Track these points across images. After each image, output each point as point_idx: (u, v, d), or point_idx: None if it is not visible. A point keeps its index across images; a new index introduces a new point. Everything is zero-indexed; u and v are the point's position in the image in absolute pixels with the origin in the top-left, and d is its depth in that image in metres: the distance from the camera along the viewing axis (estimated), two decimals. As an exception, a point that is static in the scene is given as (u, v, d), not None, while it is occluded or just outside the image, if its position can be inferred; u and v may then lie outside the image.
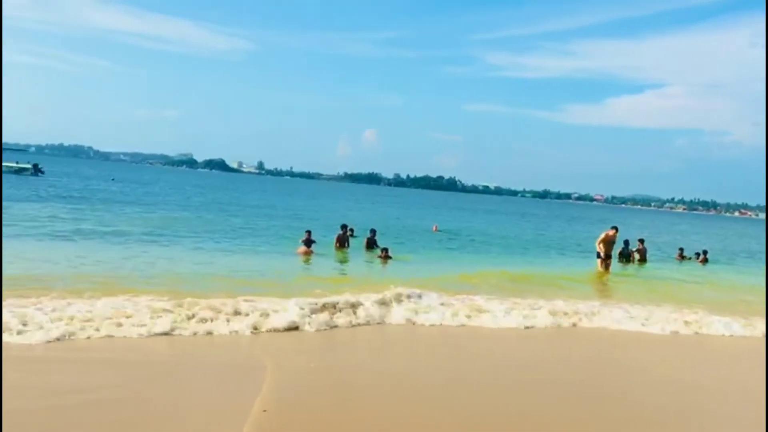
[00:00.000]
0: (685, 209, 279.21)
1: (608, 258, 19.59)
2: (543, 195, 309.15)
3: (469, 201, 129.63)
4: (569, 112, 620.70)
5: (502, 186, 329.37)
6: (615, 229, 19.99)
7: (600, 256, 19.54)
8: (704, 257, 26.22)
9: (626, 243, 23.07)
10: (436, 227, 34.09)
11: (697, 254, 26.69)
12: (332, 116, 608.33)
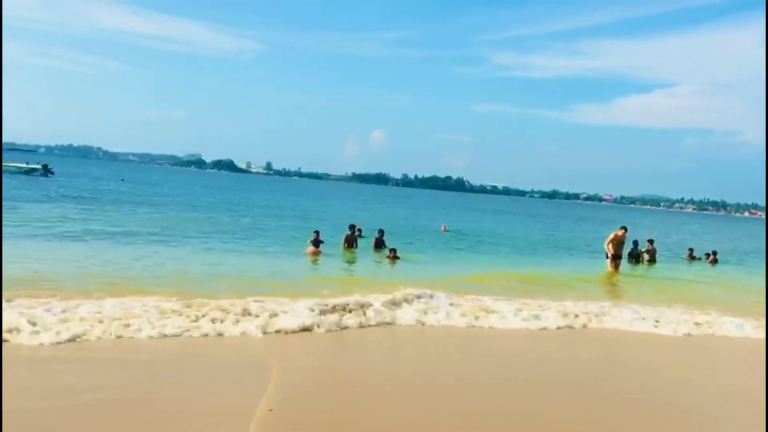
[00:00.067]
0: (695, 209, 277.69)
1: (618, 258, 19.50)
2: (551, 195, 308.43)
3: (478, 201, 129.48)
4: (578, 112, 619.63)
5: (511, 186, 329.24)
6: (624, 230, 19.89)
7: (609, 257, 19.47)
8: (714, 257, 26.08)
9: (635, 243, 22.98)
10: (445, 227, 34.03)
11: (707, 254, 26.55)
12: (340, 116, 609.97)
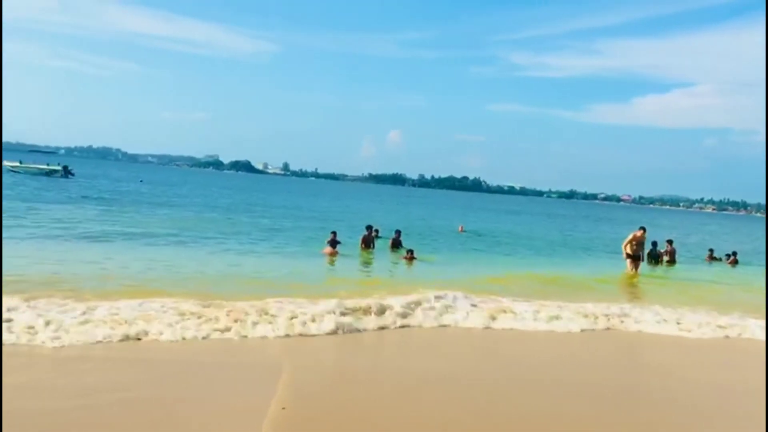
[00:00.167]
0: (715, 209, 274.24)
1: (637, 259, 19.35)
2: (569, 195, 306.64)
3: (494, 201, 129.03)
4: (595, 112, 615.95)
5: (528, 186, 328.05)
6: (643, 230, 19.72)
7: (625, 258, 19.33)
8: (734, 258, 25.79)
9: (654, 244, 22.76)
10: (462, 228, 33.97)
11: (728, 255, 26.25)
12: (356, 117, 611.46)
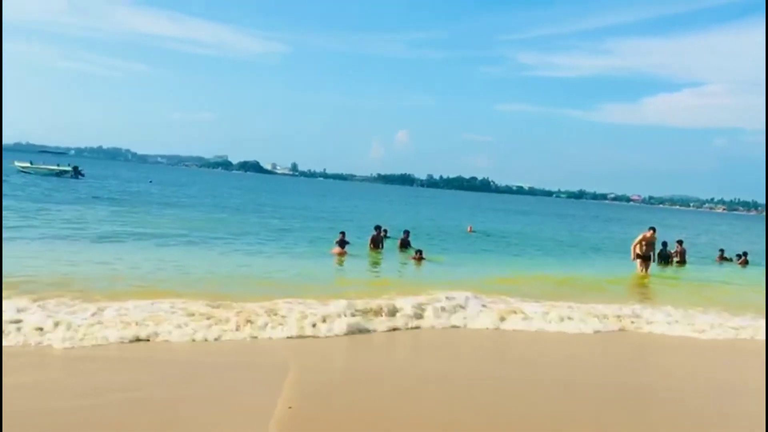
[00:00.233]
0: (725, 210, 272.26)
1: (647, 260, 19.28)
2: (578, 195, 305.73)
3: (503, 201, 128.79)
4: (604, 112, 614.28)
5: (536, 186, 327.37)
6: (653, 231, 19.62)
7: (634, 258, 19.27)
8: (744, 259, 25.64)
9: (664, 244, 22.64)
10: (471, 228, 33.95)
11: (738, 256, 26.09)
12: (365, 117, 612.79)
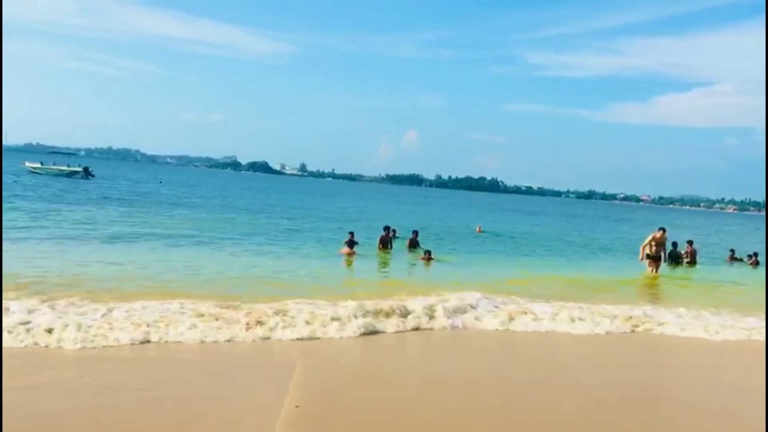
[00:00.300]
0: (736, 210, 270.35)
1: (657, 260, 19.21)
2: (588, 195, 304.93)
3: (512, 202, 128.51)
4: (614, 111, 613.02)
5: (546, 187, 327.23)
6: (662, 231, 19.54)
7: (642, 259, 19.21)
8: (755, 259, 25.46)
9: (674, 245, 22.53)
10: (480, 228, 33.91)
11: (749, 256, 25.92)
12: (373, 118, 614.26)
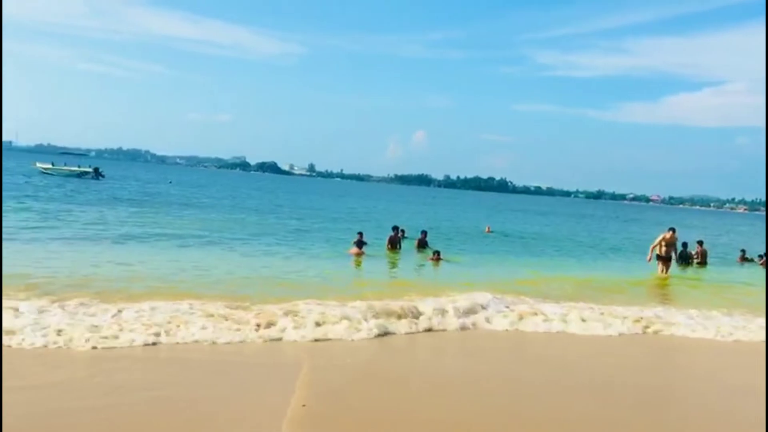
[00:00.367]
0: (747, 210, 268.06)
1: (667, 261, 19.14)
2: (597, 196, 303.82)
3: (521, 202, 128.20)
4: (624, 111, 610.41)
5: (555, 187, 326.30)
6: (673, 231, 19.47)
7: (650, 259, 19.13)
8: (766, 260, 25.35)
9: (684, 245, 22.43)
10: (489, 228, 33.87)
11: (760, 256, 25.78)
12: (382, 118, 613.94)
